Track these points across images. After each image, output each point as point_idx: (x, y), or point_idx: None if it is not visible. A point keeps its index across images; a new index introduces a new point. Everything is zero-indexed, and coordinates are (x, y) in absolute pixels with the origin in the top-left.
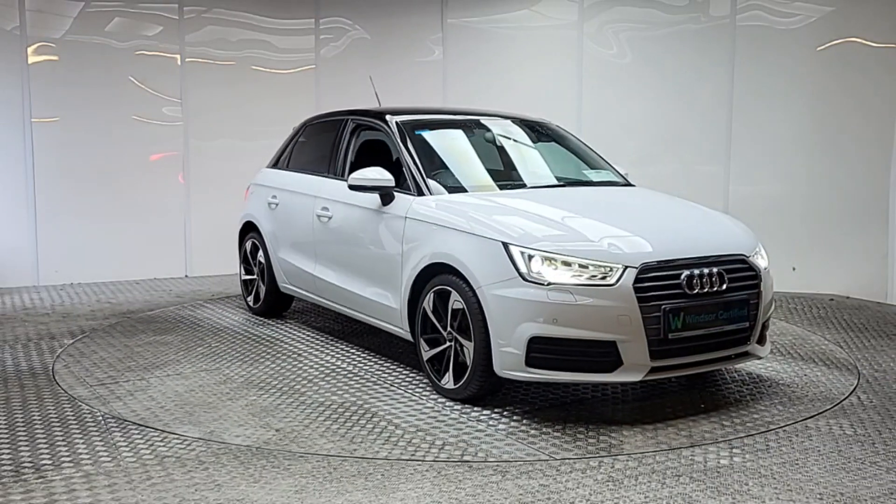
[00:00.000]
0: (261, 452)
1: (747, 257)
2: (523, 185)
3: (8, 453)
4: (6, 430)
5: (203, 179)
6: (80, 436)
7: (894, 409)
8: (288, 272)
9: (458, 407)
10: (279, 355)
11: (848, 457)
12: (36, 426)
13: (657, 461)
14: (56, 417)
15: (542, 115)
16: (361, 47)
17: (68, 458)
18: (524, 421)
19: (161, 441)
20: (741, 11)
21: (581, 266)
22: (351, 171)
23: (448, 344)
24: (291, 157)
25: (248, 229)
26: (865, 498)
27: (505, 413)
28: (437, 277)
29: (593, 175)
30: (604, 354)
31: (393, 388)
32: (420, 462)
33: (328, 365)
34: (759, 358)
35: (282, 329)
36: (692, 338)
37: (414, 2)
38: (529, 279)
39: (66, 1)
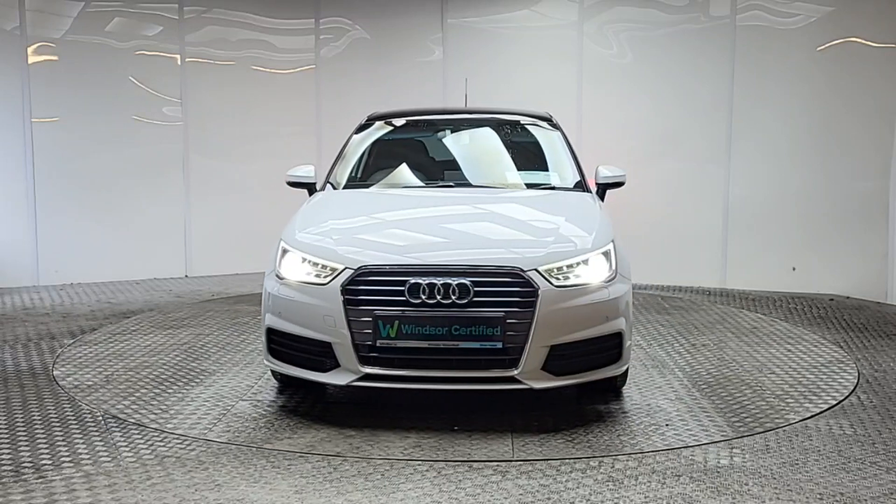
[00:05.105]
0: (261, 452)
1: (524, 272)
2: (425, 185)
3: (8, 453)
4: (6, 430)
5: (203, 179)
6: (80, 436)
7: (894, 409)
8: None
9: (272, 388)
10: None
11: (848, 457)
12: (36, 426)
13: (657, 461)
14: (56, 417)
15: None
16: (361, 47)
17: (68, 458)
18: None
19: (161, 441)
20: (741, 11)
21: (313, 264)
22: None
23: None
24: None
25: None
26: (865, 498)
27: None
28: None
29: (524, 177)
30: (322, 354)
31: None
32: (420, 462)
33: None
34: (531, 388)
35: None
36: (411, 349)
37: (414, 2)
38: (276, 272)
39: (66, 1)
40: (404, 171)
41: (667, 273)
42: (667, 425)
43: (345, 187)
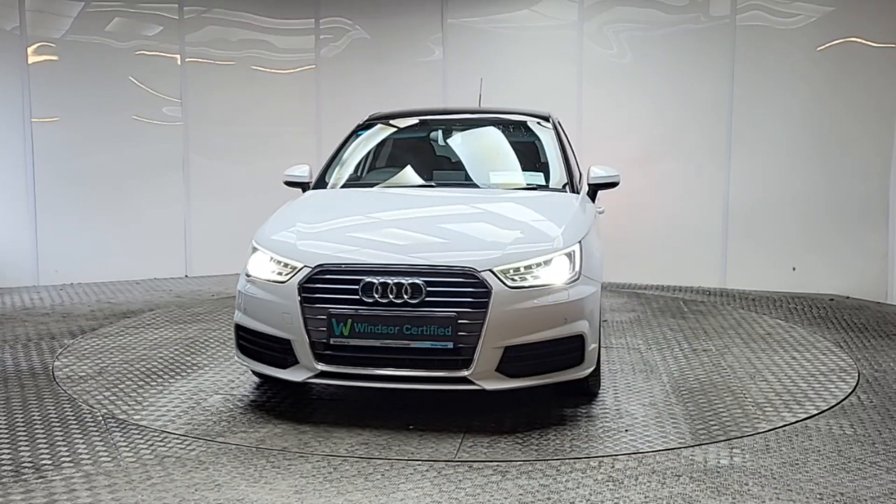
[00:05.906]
0: (261, 452)
1: (477, 272)
2: (406, 185)
3: (8, 453)
4: (6, 430)
5: (203, 179)
6: (80, 436)
7: (894, 409)
8: None
9: (252, 384)
10: None
11: (848, 457)
12: (36, 426)
13: (657, 461)
14: (56, 417)
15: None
16: (361, 47)
17: (68, 458)
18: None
19: (161, 441)
20: (741, 11)
21: (277, 262)
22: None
23: None
24: None
25: None
26: (865, 498)
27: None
28: None
29: (510, 177)
30: (283, 351)
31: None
32: (420, 462)
33: None
34: (484, 389)
35: None
36: (364, 348)
37: (414, 2)
38: (246, 271)
39: (66, 1)
40: (390, 173)
41: (667, 273)
42: (626, 431)
43: (341, 187)
